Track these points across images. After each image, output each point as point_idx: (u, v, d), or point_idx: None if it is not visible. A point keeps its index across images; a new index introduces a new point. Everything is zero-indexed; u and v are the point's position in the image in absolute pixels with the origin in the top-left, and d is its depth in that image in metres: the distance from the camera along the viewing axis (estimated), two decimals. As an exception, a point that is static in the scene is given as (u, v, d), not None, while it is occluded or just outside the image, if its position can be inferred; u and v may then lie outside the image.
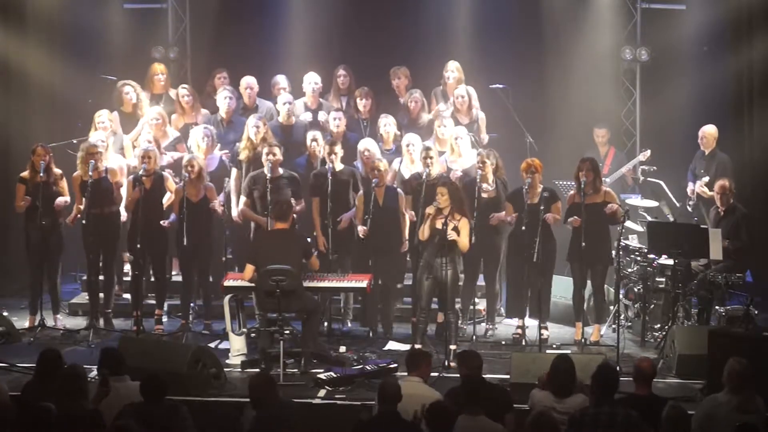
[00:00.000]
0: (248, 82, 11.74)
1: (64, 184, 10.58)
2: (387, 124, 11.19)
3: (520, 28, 12.82)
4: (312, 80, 11.76)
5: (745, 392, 6.90)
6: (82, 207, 10.40)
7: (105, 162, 10.54)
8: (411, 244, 10.20)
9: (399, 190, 10.46)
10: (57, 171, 10.56)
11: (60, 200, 10.48)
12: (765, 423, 6.84)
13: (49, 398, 6.65)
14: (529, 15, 12.79)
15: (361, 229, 10.21)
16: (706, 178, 11.29)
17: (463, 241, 9.65)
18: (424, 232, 9.65)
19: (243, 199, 10.55)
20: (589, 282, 10.29)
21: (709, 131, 11.55)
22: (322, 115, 11.55)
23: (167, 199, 10.50)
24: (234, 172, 10.92)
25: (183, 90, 11.80)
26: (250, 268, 9.46)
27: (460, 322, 10.48)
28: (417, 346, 9.52)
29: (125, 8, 12.97)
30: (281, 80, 11.90)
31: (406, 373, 7.51)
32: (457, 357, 7.64)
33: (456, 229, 9.55)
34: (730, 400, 6.91)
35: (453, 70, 11.77)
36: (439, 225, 9.60)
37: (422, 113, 11.60)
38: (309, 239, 10.04)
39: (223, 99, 11.45)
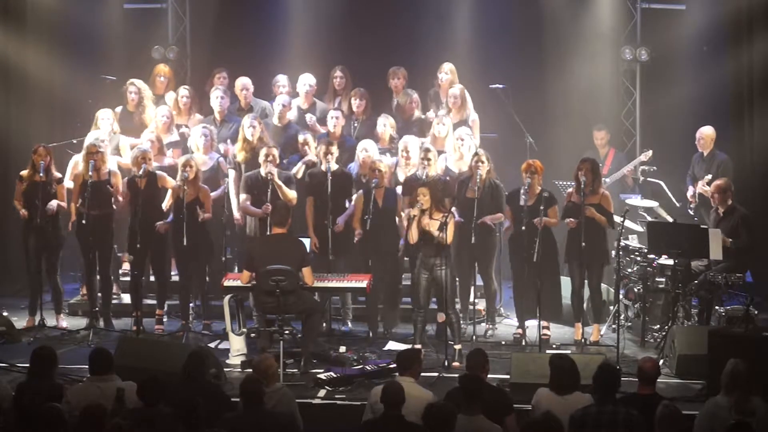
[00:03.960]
0: (243, 83, 11.72)
1: (62, 188, 10.57)
2: (386, 124, 11.18)
3: (520, 29, 12.82)
4: (306, 81, 11.74)
5: (739, 393, 6.89)
6: (77, 207, 10.41)
7: (108, 165, 10.53)
8: (406, 246, 10.14)
9: (398, 192, 10.43)
10: (56, 174, 10.56)
11: (52, 204, 10.44)
12: (763, 423, 6.82)
13: (42, 397, 6.61)
14: (529, 15, 12.79)
15: (357, 233, 10.20)
16: (709, 176, 11.21)
17: (449, 237, 9.63)
18: (414, 236, 9.64)
19: (243, 195, 10.52)
20: (586, 282, 10.27)
21: (706, 132, 11.47)
22: (309, 118, 11.46)
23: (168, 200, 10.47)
24: (232, 173, 10.91)
25: (184, 90, 11.79)
26: (246, 275, 9.47)
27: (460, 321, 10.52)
28: (417, 346, 9.53)
29: (125, 8, 12.99)
30: (282, 79, 11.87)
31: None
32: (466, 357, 7.65)
33: (445, 225, 9.52)
34: (728, 401, 6.91)
35: (447, 71, 11.73)
36: (432, 227, 9.58)
37: (416, 110, 11.58)
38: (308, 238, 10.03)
39: (216, 99, 11.43)
